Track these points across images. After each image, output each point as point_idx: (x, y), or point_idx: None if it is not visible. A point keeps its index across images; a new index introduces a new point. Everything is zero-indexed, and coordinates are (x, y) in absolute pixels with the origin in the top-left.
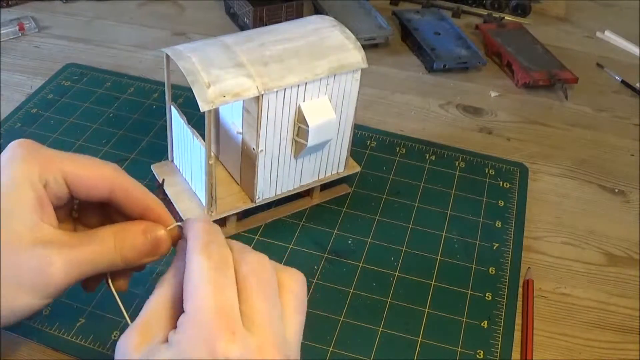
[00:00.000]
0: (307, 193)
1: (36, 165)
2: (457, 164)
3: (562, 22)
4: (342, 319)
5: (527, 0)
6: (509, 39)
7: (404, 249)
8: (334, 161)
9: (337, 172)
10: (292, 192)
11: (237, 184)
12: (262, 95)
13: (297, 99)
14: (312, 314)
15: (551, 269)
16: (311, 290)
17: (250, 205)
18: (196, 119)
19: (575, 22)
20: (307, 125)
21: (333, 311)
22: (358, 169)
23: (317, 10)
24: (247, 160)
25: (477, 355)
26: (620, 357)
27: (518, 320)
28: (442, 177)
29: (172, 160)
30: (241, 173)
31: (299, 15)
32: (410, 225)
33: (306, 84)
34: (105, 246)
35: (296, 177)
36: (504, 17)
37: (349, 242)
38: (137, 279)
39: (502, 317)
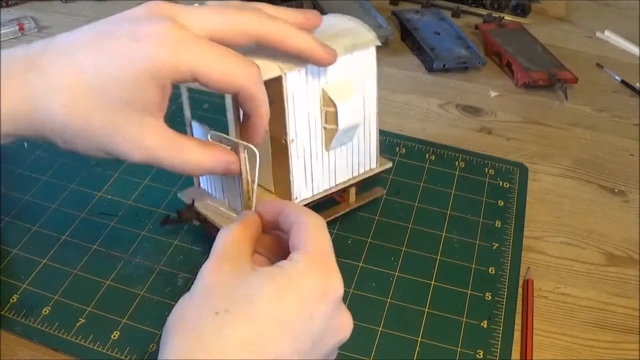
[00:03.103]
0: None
1: (170, 66)
2: (456, 164)
3: (561, 22)
4: None
5: (527, 0)
6: (509, 39)
7: (403, 249)
8: (365, 156)
9: (370, 169)
10: (329, 193)
11: (271, 192)
12: (285, 74)
13: (320, 81)
14: None
15: (551, 268)
16: None
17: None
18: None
19: (575, 22)
20: (335, 107)
21: None
22: (390, 164)
23: (317, 10)
24: (279, 157)
25: (477, 355)
26: (620, 357)
27: (518, 320)
28: (442, 177)
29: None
30: (274, 177)
31: None
32: (410, 225)
33: None
34: (187, 159)
35: (331, 175)
36: (503, 17)
37: (349, 242)
38: (137, 278)
39: (502, 317)
